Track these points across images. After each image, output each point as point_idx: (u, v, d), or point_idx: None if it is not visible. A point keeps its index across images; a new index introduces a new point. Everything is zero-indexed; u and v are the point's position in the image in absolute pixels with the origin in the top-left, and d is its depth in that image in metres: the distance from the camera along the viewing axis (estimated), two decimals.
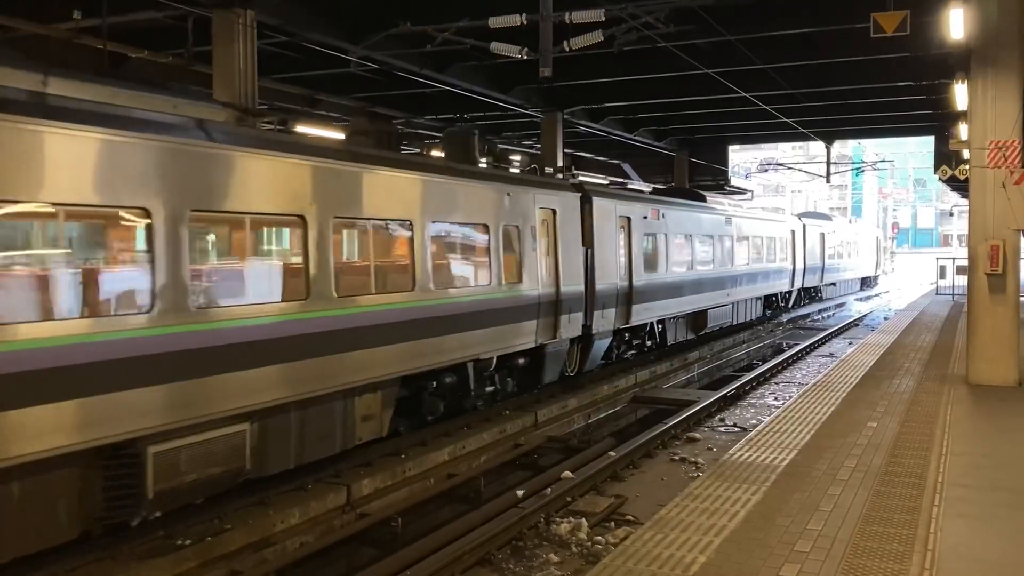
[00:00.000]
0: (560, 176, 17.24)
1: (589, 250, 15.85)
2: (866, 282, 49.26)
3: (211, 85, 14.47)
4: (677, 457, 12.59)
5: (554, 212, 14.61)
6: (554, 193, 14.81)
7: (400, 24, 15.14)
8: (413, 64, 17.99)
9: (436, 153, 14.23)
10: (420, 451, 11.52)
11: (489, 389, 13.44)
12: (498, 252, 12.85)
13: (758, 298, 27.85)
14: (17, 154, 6.64)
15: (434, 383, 11.90)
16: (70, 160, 7.00)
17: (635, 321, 17.85)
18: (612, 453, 12.05)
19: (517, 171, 15.42)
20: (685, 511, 6.93)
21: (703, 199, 23.44)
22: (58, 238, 7.10)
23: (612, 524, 9.65)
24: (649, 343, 19.75)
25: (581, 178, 19.58)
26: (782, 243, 29.88)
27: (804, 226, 33.10)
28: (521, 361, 14.16)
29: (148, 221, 7.56)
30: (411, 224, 11.08)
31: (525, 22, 13.13)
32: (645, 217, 18.57)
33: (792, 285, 31.73)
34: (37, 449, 6.71)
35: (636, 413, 16.96)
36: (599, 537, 9.10)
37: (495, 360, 13.13)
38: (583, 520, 9.46)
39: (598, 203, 16.34)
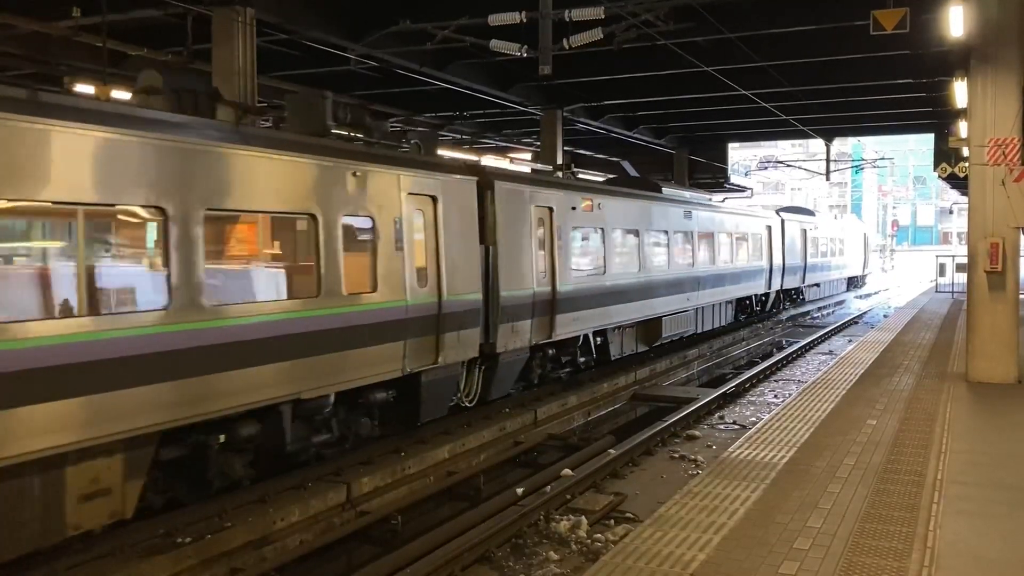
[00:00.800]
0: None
1: (491, 249, 12.84)
2: (853, 282, 46.47)
3: (210, 83, 14.46)
4: (677, 455, 12.59)
5: (433, 200, 11.46)
6: (432, 176, 11.47)
7: (400, 22, 15.14)
8: (413, 62, 17.99)
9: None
10: (420, 449, 11.53)
11: (323, 438, 10.09)
12: (332, 252, 9.63)
13: (728, 302, 25.01)
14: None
15: (221, 436, 8.70)
16: None
17: (561, 334, 14.83)
18: (612, 451, 12.06)
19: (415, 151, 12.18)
20: (685, 509, 6.93)
21: (657, 189, 20.55)
22: None
23: (612, 522, 9.66)
24: (583, 360, 16.59)
25: (486, 161, 17.27)
26: (756, 240, 27.01)
27: (783, 222, 30.25)
28: (383, 395, 10.82)
29: None
30: (163, 212, 7.76)
31: (525, 20, 13.13)
32: (574, 208, 15.55)
33: (769, 287, 28.73)
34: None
35: (636, 411, 16.97)
36: (599, 535, 9.11)
37: (333, 398, 9.81)
38: (583, 518, 9.47)
39: (503, 190, 13.20)
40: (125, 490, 7.63)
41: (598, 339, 16.93)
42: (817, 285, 36.91)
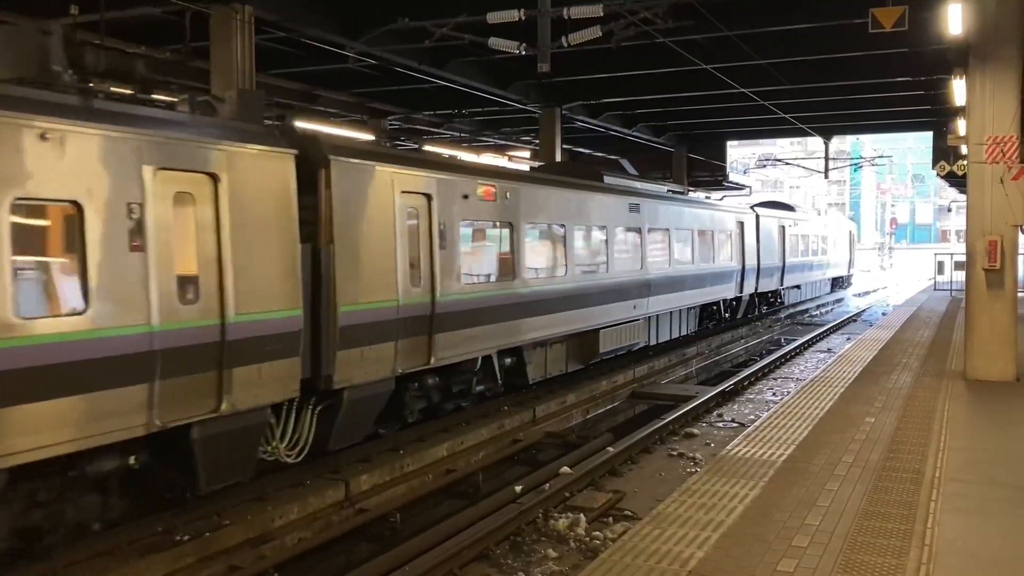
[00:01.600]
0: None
1: (325, 249, 9.73)
2: (838, 283, 43.32)
3: (209, 81, 14.46)
4: (675, 452, 12.60)
5: (213, 180, 8.23)
6: (210, 145, 8.23)
7: (398, 19, 15.11)
8: (411, 60, 17.97)
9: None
10: (418, 447, 11.53)
11: None
12: None
13: (691, 308, 22.04)
14: None
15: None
16: None
17: (443, 359, 11.70)
18: (610, 449, 12.07)
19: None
20: (683, 506, 6.94)
21: (597, 177, 17.59)
22: None
23: (610, 519, 9.67)
24: (482, 388, 13.49)
25: (327, 131, 14.56)
26: (726, 238, 24.07)
27: (757, 217, 27.08)
28: (111, 465, 7.68)
29: None
30: None
31: (523, 18, 13.11)
32: (466, 197, 12.35)
33: (741, 290, 25.69)
34: None
35: (634, 408, 16.98)
36: (597, 532, 9.12)
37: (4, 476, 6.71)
38: (581, 515, 9.47)
39: (346, 169, 10.04)
40: None
41: (507, 359, 13.99)
42: (798, 287, 34.14)
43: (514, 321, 13.53)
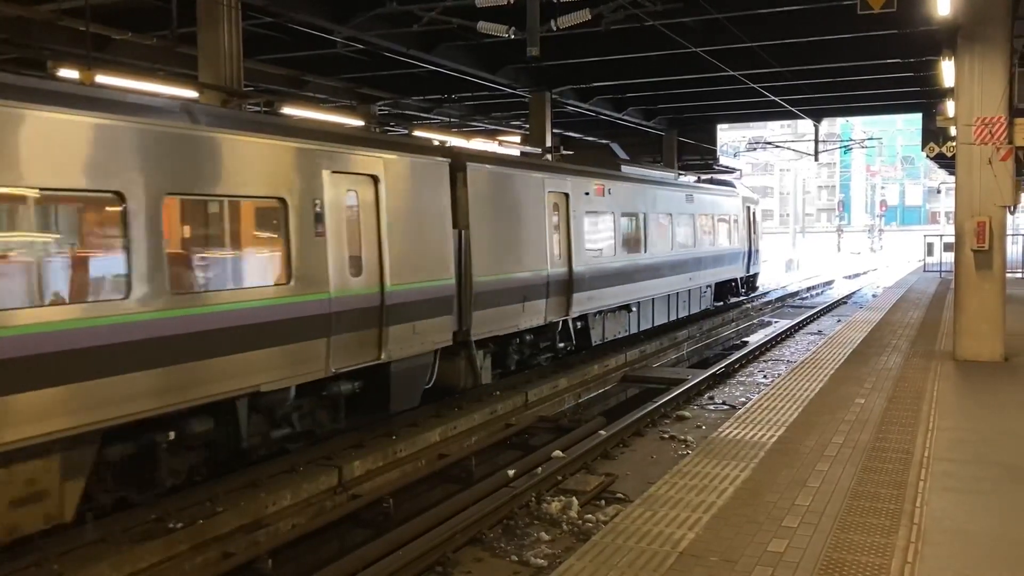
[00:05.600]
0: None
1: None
2: (730, 290, 27.82)
3: (196, 67, 14.36)
4: (667, 435, 12.66)
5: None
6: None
7: (386, 4, 15.05)
8: (400, 44, 17.88)
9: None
10: (411, 432, 11.55)
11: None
12: None
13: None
14: None
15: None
16: None
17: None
18: (602, 432, 12.11)
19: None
20: (674, 488, 6.98)
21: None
22: None
23: (602, 502, 9.72)
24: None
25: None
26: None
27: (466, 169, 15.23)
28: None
29: None
30: None
31: (512, 1, 13.06)
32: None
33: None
34: None
35: (626, 392, 17.04)
36: (589, 515, 9.17)
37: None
38: (574, 498, 9.52)
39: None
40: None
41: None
42: (598, 314, 17.42)
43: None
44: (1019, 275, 29.53)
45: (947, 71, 13.69)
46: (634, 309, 19.16)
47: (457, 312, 12.32)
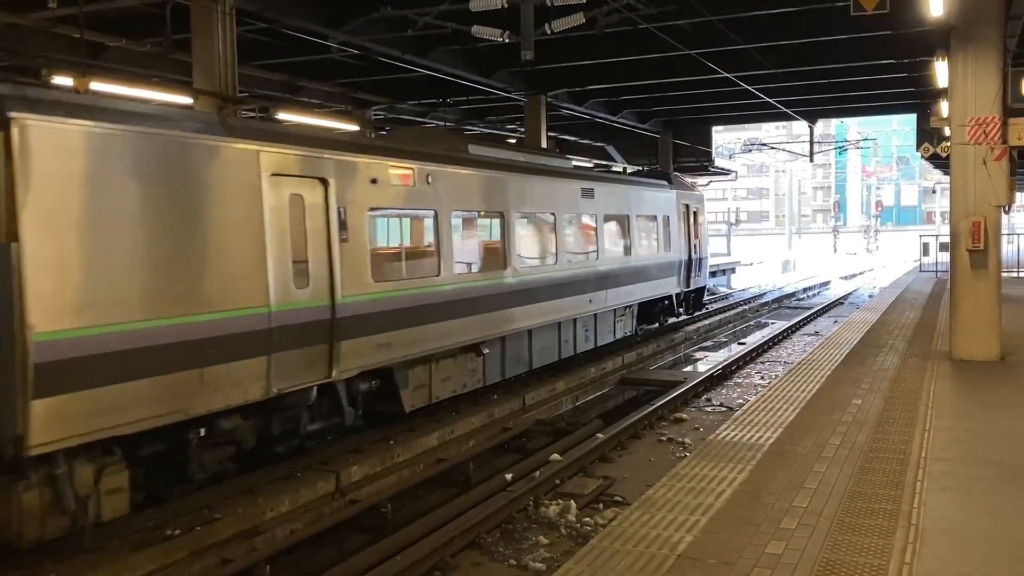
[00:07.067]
0: None
1: None
2: (664, 310, 21.84)
3: (191, 73, 14.35)
4: (664, 437, 12.67)
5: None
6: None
7: (381, 8, 15.04)
8: (394, 49, 17.88)
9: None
10: (409, 437, 11.55)
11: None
12: None
13: None
14: None
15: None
16: None
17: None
18: (600, 435, 12.12)
19: None
20: (672, 491, 6.98)
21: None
22: None
23: (600, 505, 9.72)
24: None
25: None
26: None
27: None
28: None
29: None
30: None
31: (506, 5, 13.05)
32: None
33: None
34: None
35: (623, 395, 17.04)
36: (587, 518, 9.17)
37: None
38: (572, 502, 9.52)
39: None
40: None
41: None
42: (426, 361, 12.12)
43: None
44: (1015, 274, 29.59)
45: (941, 72, 13.73)
46: (487, 351, 13.22)
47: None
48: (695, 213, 23.18)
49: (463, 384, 13.07)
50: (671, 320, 22.55)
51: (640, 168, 23.91)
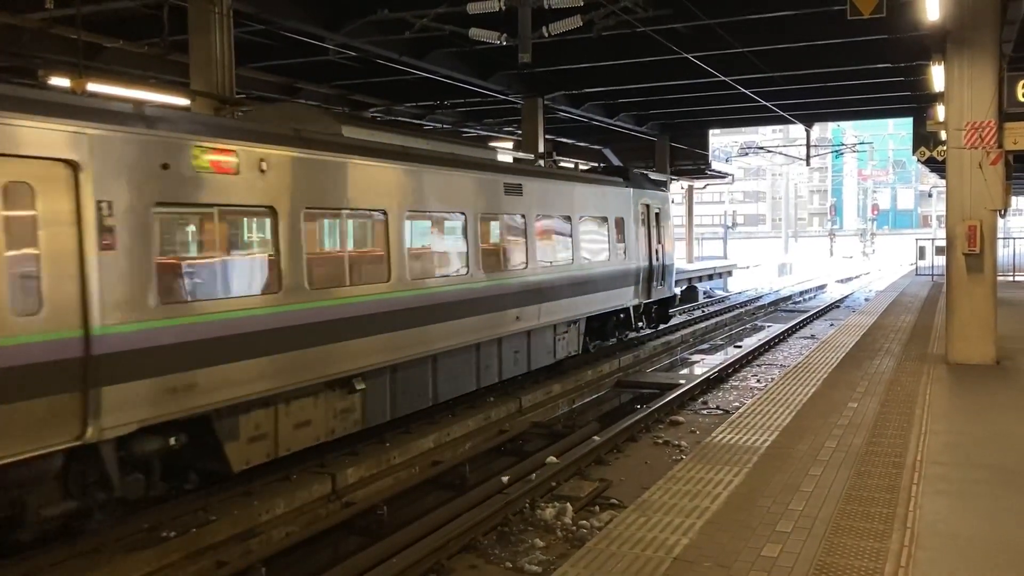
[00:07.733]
0: None
1: None
2: (621, 323, 19.25)
3: (188, 75, 14.35)
4: (661, 440, 12.67)
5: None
6: None
7: (378, 11, 15.07)
8: (392, 51, 17.91)
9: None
10: (405, 439, 11.54)
11: None
12: None
13: None
14: None
15: None
16: None
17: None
18: (596, 438, 12.12)
19: None
20: (668, 494, 6.97)
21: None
22: None
23: (597, 508, 9.71)
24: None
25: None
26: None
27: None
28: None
29: None
30: None
31: (504, 7, 13.10)
32: None
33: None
34: None
35: (620, 397, 17.04)
36: (584, 521, 9.16)
37: None
38: (568, 504, 9.51)
39: None
40: None
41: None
42: (269, 405, 9.48)
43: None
44: (1010, 278, 29.65)
45: (937, 76, 13.75)
46: (362, 386, 10.65)
47: None
48: (658, 215, 20.37)
49: (330, 430, 10.20)
50: (630, 335, 19.88)
51: (595, 165, 21.42)
